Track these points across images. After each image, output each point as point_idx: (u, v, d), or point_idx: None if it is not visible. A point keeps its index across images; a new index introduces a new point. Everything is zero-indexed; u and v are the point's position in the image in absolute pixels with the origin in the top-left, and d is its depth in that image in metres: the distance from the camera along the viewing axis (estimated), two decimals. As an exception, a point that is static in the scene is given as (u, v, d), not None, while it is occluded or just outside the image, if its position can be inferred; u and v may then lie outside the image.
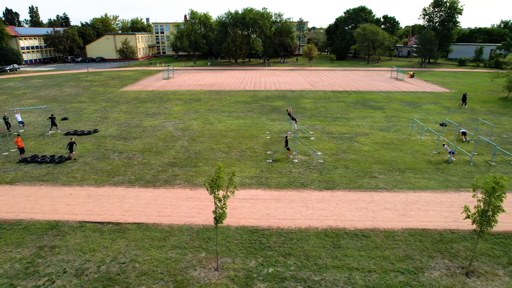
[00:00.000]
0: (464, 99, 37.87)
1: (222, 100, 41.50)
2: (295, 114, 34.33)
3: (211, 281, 11.91)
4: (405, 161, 22.25)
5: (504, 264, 12.66)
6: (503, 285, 11.66)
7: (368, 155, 23.36)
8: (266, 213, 16.25)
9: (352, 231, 14.71)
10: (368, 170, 20.89)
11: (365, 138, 26.86)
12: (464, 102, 37.84)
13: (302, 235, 14.49)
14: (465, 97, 37.98)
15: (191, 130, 29.15)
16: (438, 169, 21.01)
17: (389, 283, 11.74)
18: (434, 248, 13.59)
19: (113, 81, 56.42)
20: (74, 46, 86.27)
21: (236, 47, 72.06)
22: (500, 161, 22.35)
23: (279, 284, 11.74)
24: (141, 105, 38.93)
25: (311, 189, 18.51)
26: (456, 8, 77.99)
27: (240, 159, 22.76)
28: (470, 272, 12.24)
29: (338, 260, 12.91)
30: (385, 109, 36.77)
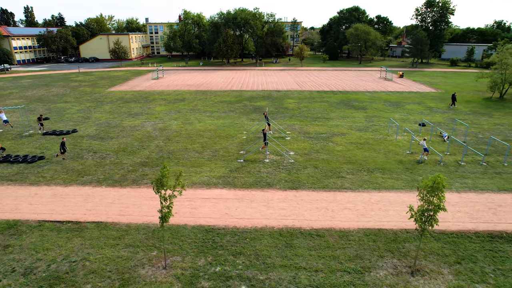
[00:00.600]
0: (453, 100, 37.93)
1: (206, 100, 41.60)
2: (277, 115, 34.45)
3: (157, 279, 12.00)
4: (376, 161, 22.32)
5: (450, 263, 12.73)
6: (444, 283, 11.73)
7: (340, 155, 23.43)
8: (226, 212, 16.33)
9: (307, 230, 14.78)
10: (337, 170, 20.96)
11: (341, 138, 26.93)
12: (453, 102, 37.90)
13: (256, 234, 14.57)
14: (454, 97, 38.04)
15: (169, 130, 29.24)
16: (407, 169, 21.08)
17: (333, 283, 11.81)
18: (386, 247, 13.66)
19: (102, 81, 56.54)
20: (67, 46, 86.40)
21: (227, 47, 72.13)
22: (470, 161, 22.41)
23: (223, 283, 11.82)
24: (125, 105, 39.04)
25: (276, 189, 18.59)
26: (448, 8, 78.00)
27: (212, 159, 22.84)
28: (415, 271, 12.31)
29: (287, 259, 12.99)
30: (368, 109, 36.84)
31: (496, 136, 27.70)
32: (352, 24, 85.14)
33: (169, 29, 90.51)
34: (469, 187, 18.70)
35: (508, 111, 36.16)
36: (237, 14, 76.28)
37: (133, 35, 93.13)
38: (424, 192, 11.22)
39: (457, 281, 11.80)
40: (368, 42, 77.97)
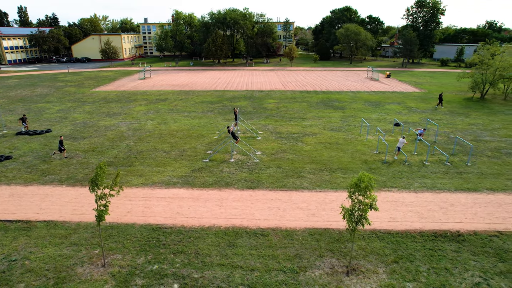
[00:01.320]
0: (440, 100, 38.00)
1: (187, 100, 41.69)
2: (254, 115, 34.55)
3: (92, 277, 12.07)
4: (341, 161, 22.38)
5: (388, 262, 12.79)
6: (377, 282, 11.79)
7: (306, 154, 23.49)
8: (178, 211, 16.40)
9: (253, 230, 14.84)
10: (299, 169, 21.02)
11: (311, 138, 26.99)
12: (441, 102, 37.95)
13: (202, 233, 14.64)
14: (441, 97, 38.11)
15: (143, 130, 29.32)
16: (370, 169, 21.12)
17: (266, 282, 11.87)
18: (328, 247, 13.71)
19: (89, 82, 56.67)
20: (59, 46, 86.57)
21: (216, 47, 72.16)
22: (436, 161, 22.46)
23: (157, 281, 11.89)
24: (105, 105, 39.14)
25: (233, 189, 18.66)
26: (439, 8, 78.01)
27: (178, 159, 22.92)
28: (351, 270, 12.37)
29: (226, 258, 13.05)
30: (346, 109, 36.89)
31: (467, 136, 27.79)
32: (343, 24, 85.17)
33: (160, 29, 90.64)
34: (427, 187, 18.75)
35: (485, 111, 36.20)
36: (226, 14, 76.35)
37: (125, 35, 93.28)
38: (351, 191, 11.27)
39: (390, 280, 11.86)
40: (358, 42, 78.02)
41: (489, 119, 33.27)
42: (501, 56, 39.93)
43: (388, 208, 16.56)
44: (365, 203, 11.32)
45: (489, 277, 11.95)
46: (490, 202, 17.21)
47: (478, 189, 18.53)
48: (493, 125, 31.10)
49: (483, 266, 12.53)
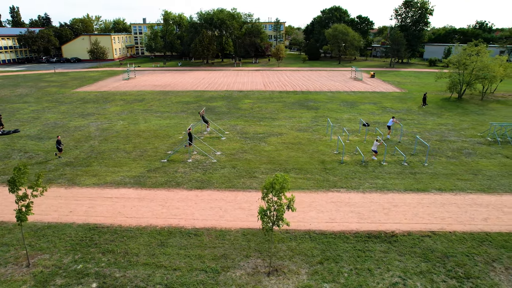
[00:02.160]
0: (424, 100, 37.86)
1: (164, 100, 41.73)
2: (226, 115, 34.57)
3: (13, 277, 12.10)
4: (298, 161, 22.39)
5: (313, 263, 12.79)
6: (295, 283, 11.80)
7: (265, 155, 23.50)
8: (119, 211, 16.43)
9: (188, 230, 14.87)
10: (253, 170, 21.03)
11: (276, 138, 27.00)
12: (424, 102, 37.85)
13: (136, 233, 14.67)
14: (425, 97, 37.98)
15: (111, 131, 29.36)
16: (325, 169, 21.13)
17: (184, 281, 11.89)
18: (257, 247, 13.73)
19: (73, 82, 56.75)
20: (49, 46, 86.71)
21: (203, 47, 72.17)
22: (394, 161, 22.46)
23: (77, 280, 11.92)
24: (82, 105, 39.20)
25: (182, 189, 18.69)
26: (427, 8, 77.96)
27: (137, 159, 22.95)
28: (272, 271, 12.38)
29: (153, 257, 13.08)
30: (320, 109, 36.90)
31: (434, 136, 27.79)
32: (333, 24, 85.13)
33: (150, 29, 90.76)
34: (377, 188, 18.75)
35: (459, 112, 36.17)
36: (214, 14, 76.38)
37: (115, 35, 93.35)
38: (265, 192, 11.27)
39: (309, 281, 11.86)
40: (347, 42, 77.99)
41: (460, 119, 33.25)
42: (477, 56, 39.86)
43: (331, 209, 16.56)
44: (280, 204, 11.34)
45: (408, 277, 11.96)
46: (434, 202, 17.22)
47: (427, 190, 18.53)
48: (462, 125, 31.08)
49: (406, 266, 12.53)
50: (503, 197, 17.88)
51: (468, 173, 20.66)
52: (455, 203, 17.18)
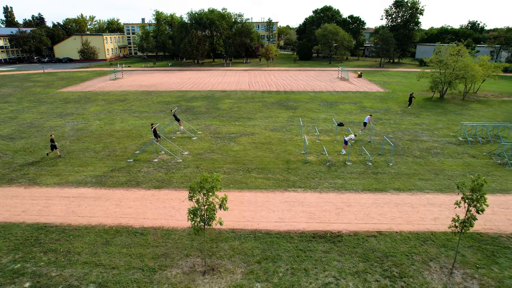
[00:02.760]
0: (410, 100, 37.87)
1: (146, 100, 41.77)
2: (203, 115, 34.60)
3: (-51, 278, 12.15)
4: (263, 161, 22.42)
5: (251, 262, 12.81)
6: (228, 282, 11.83)
7: (232, 155, 23.53)
8: (73, 211, 16.47)
9: (136, 229, 14.91)
10: (216, 169, 21.05)
11: (247, 138, 27.02)
12: (410, 102, 37.86)
13: (84, 232, 14.70)
14: (411, 98, 37.98)
15: (85, 131, 29.41)
16: (288, 169, 21.15)
17: (119, 280, 11.92)
18: (200, 247, 13.74)
19: (60, 82, 56.81)
20: (41, 46, 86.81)
21: (192, 47, 72.17)
22: (359, 161, 22.48)
23: (10, 280, 11.95)
24: (62, 105, 39.26)
25: (140, 188, 18.73)
26: (417, 8, 77.93)
27: (104, 159, 23.00)
28: (208, 270, 12.41)
29: (94, 256, 13.11)
30: (298, 109, 36.92)
31: (406, 136, 27.80)
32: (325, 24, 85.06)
33: (142, 29, 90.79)
34: (335, 187, 18.77)
35: (438, 111, 36.17)
36: (203, 14, 76.39)
37: (108, 35, 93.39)
38: (191, 192, 11.30)
39: (242, 281, 11.89)
40: (337, 42, 77.95)
41: (437, 119, 33.25)
42: (457, 56, 39.86)
43: (283, 209, 16.59)
44: (210, 203, 11.39)
45: (342, 277, 11.98)
46: (389, 202, 17.24)
47: (385, 190, 18.55)
48: (438, 125, 31.09)
49: (343, 266, 12.56)
50: (459, 196, 17.84)
51: (431, 173, 20.68)
52: (410, 203, 17.20)
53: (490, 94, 45.87)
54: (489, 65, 43.61)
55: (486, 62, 43.47)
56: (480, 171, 20.90)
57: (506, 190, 18.48)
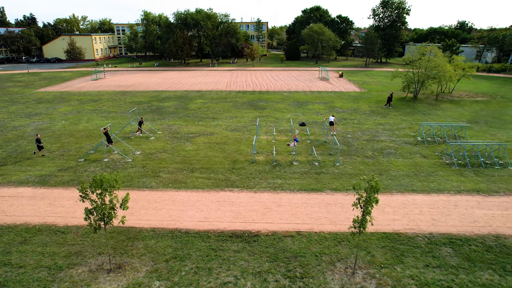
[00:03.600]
0: (389, 100, 37.75)
1: (119, 100, 41.91)
2: (170, 115, 34.69)
3: None
4: (210, 161, 22.50)
5: (159, 261, 12.88)
6: (129, 280, 11.90)
7: (182, 155, 23.62)
8: (3, 210, 16.58)
9: (59, 227, 15.01)
10: (161, 169, 21.16)
11: (203, 138, 27.11)
12: (388, 102, 37.72)
13: (5, 231, 14.80)
14: (390, 97, 37.91)
15: (47, 131, 29.55)
16: (232, 169, 21.22)
17: (22, 279, 12.00)
18: (115, 245, 13.84)
19: (41, 82, 57.05)
20: (30, 46, 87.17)
21: (177, 47, 72.34)
22: (305, 161, 22.52)
23: None
24: (34, 105, 39.45)
25: (78, 188, 18.82)
26: (404, 8, 77.83)
27: (55, 158, 23.13)
28: (116, 268, 12.51)
29: (6, 255, 13.19)
30: (267, 109, 36.99)
31: (364, 136, 27.83)
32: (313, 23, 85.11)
33: (130, 29, 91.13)
34: (272, 187, 18.83)
35: (406, 111, 36.16)
36: (188, 15, 76.56)
37: (96, 36, 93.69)
38: (91, 189, 11.41)
39: (143, 279, 11.98)
40: (323, 42, 77.97)
41: (402, 119, 33.26)
42: (429, 56, 39.84)
43: (211, 208, 16.67)
44: (109, 202, 11.50)
45: (243, 277, 12.05)
46: (320, 202, 17.29)
47: (321, 190, 18.60)
48: (401, 125, 31.10)
49: (248, 266, 12.62)
50: (393, 197, 17.96)
51: (374, 173, 20.67)
52: (342, 203, 17.24)
53: (465, 94, 45.80)
54: (463, 65, 43.57)
55: (460, 62, 43.44)
56: (424, 171, 20.96)
57: (442, 190, 18.52)
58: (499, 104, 39.60)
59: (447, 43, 68.27)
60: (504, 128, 30.28)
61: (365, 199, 11.11)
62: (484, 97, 43.52)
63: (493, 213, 16.29)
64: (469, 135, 28.11)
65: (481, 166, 21.79)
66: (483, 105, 39.43)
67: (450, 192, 18.33)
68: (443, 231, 14.79)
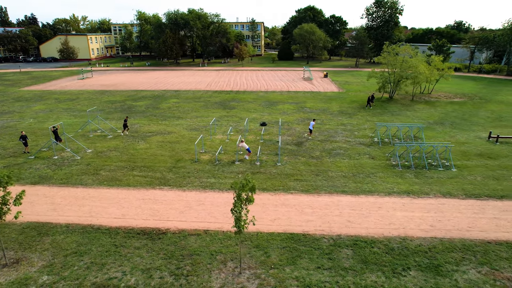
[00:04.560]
0: (371, 100, 37.50)
1: (95, 99, 42.51)
2: (141, 113, 35.10)
3: None
4: (155, 159, 22.77)
5: (59, 256, 13.18)
6: (19, 274, 12.20)
7: (131, 153, 23.93)
8: None
9: (-24, 223, 15.43)
10: (102, 167, 21.49)
11: (159, 137, 27.40)
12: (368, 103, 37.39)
13: None
14: (372, 98, 37.70)
15: (11, 128, 30.19)
16: (172, 168, 21.46)
17: None
18: (26, 240, 14.18)
19: (28, 81, 58.10)
20: (27, 46, 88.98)
21: (166, 47, 73.05)
22: (249, 161, 22.61)
23: None
24: (11, 104, 40.30)
25: (17, 185, 19.25)
26: (397, 8, 77.07)
27: (5, 156, 23.67)
28: (13, 263, 12.84)
29: None
30: (235, 108, 37.16)
31: (320, 136, 27.77)
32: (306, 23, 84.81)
33: (124, 29, 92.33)
34: (202, 186, 18.97)
35: (376, 112, 35.89)
36: (177, 15, 77.21)
37: (93, 35, 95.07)
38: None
39: (33, 273, 12.25)
40: (314, 42, 77.69)
41: (368, 119, 33.06)
42: (403, 56, 39.45)
43: (134, 206, 16.91)
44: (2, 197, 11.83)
45: (131, 273, 12.25)
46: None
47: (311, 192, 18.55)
48: (363, 126, 30.93)
49: (141, 262, 12.83)
50: (320, 197, 17.95)
51: (311, 174, 20.70)
52: (265, 203, 17.32)
53: (444, 95, 45.20)
54: (442, 65, 43.03)
55: (438, 63, 42.91)
56: (365, 172, 20.88)
57: (373, 192, 18.43)
58: (474, 106, 39.00)
59: (438, 43, 67.43)
60: (468, 129, 29.87)
61: (236, 198, 11.21)
62: (462, 98, 42.90)
63: (413, 215, 16.19)
64: (430, 136, 27.85)
65: (425, 168, 21.59)
66: (457, 106, 38.89)
67: (380, 194, 18.24)
68: (353, 233, 14.76)
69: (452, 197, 17.88)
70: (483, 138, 27.61)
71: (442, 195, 18.03)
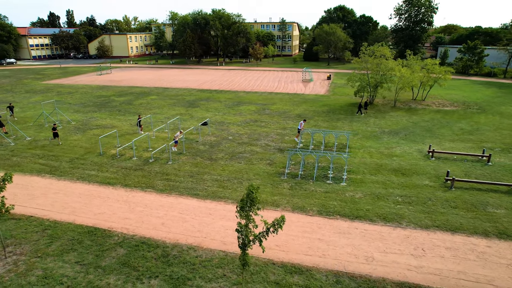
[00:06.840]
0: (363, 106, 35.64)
1: (88, 94, 46.49)
2: (108, 108, 37.72)
3: None
4: (71, 151, 24.64)
5: None
6: None
7: (62, 144, 26.00)
8: None
9: None
10: (21, 153, 23.95)
11: (99, 131, 29.25)
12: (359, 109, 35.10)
13: None
14: (365, 104, 36.18)
15: (-5, 116, 34.78)
16: (76, 159, 23.06)
17: None
18: None
19: (56, 75, 64.81)
20: (78, 44, 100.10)
21: (185, 46, 76.35)
22: (164, 160, 23.15)
23: None
24: (19, 95, 45.97)
25: None
26: (432, 6, 70.29)
27: (-37, 138, 27.62)
28: None
29: None
30: (199, 107, 37.91)
31: (245, 139, 27.32)
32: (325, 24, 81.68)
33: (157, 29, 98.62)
34: (80, 178, 20.13)
35: (336, 117, 33.71)
36: (199, 15, 80.00)
37: (132, 35, 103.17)
38: None
39: None
40: (333, 43, 74.46)
41: (317, 124, 31.32)
42: (380, 58, 36.34)
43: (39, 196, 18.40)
44: None
45: None
46: (99, 195, 18.04)
47: (115, 184, 19.31)
48: (307, 130, 29.38)
49: None
50: (163, 198, 17.99)
51: (187, 175, 20.56)
52: (122, 200, 17.82)
53: (438, 102, 40.51)
54: (438, 70, 38.72)
55: (433, 66, 38.69)
56: (243, 178, 20.22)
57: (222, 198, 17.92)
58: (460, 116, 34.45)
59: (469, 45, 60.30)
60: (418, 142, 26.76)
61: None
62: (456, 107, 38.09)
63: (231, 225, 15.31)
64: (365, 145, 25.69)
65: (312, 178, 20.17)
66: (440, 115, 34.71)
67: (228, 201, 17.58)
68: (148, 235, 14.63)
69: (301, 212, 16.57)
70: (424, 151, 24.62)
71: (291, 209, 16.79)
